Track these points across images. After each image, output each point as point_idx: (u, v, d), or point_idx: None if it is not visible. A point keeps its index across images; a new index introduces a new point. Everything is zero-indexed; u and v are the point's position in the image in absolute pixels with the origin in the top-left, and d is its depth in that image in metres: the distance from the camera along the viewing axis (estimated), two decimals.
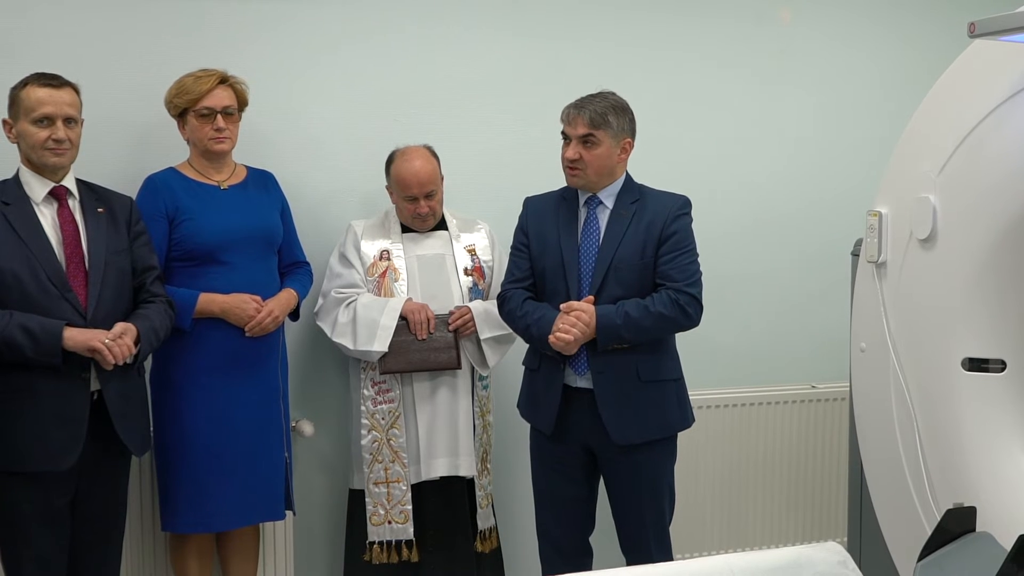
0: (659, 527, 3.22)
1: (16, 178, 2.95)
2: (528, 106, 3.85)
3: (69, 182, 2.98)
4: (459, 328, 3.46)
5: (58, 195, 2.94)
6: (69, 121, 2.91)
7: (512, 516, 3.86)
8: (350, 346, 3.43)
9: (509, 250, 3.33)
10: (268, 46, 3.62)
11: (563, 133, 3.15)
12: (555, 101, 3.23)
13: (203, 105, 3.24)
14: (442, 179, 3.55)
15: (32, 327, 2.78)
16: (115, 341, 2.83)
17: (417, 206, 3.49)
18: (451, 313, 3.47)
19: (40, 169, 2.92)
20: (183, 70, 3.28)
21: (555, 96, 3.25)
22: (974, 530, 2.40)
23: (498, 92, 3.87)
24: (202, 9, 3.53)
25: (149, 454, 3.27)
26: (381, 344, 3.39)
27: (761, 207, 4.21)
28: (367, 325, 3.41)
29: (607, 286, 3.09)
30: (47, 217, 2.92)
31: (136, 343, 2.91)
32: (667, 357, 3.20)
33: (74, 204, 2.97)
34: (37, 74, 2.93)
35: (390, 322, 3.40)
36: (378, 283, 3.50)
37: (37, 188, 2.92)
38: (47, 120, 2.88)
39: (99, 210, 2.99)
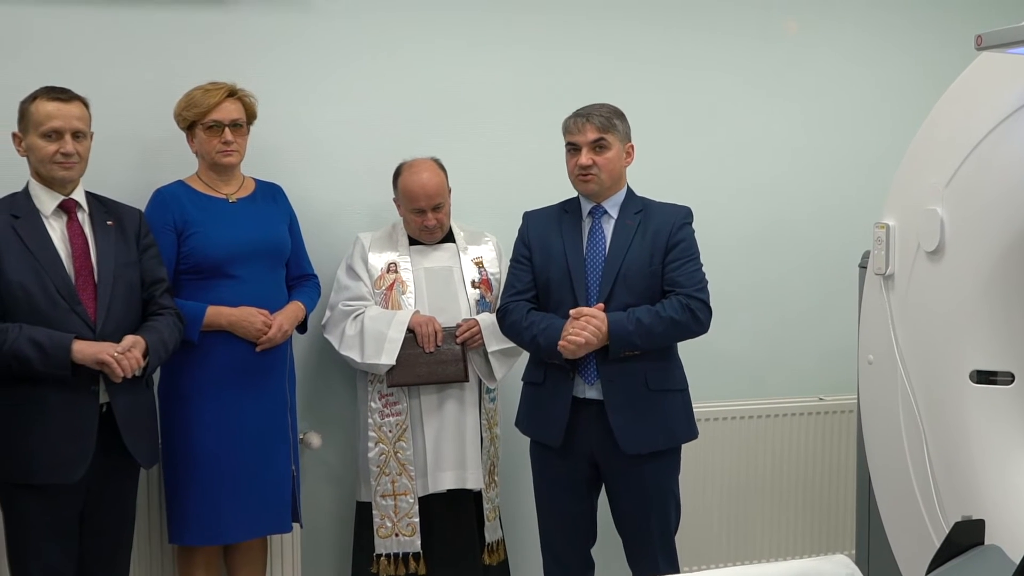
0: (665, 538, 3.22)
1: (26, 191, 2.96)
2: (535, 119, 3.85)
3: (79, 195, 2.98)
4: (467, 341, 3.46)
5: (67, 208, 2.95)
6: (78, 135, 2.92)
7: (519, 529, 3.85)
8: (357, 359, 3.44)
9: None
10: (277, 60, 3.63)
11: (569, 144, 3.17)
12: (560, 114, 3.24)
13: (211, 118, 3.25)
14: (449, 191, 3.56)
15: (41, 340, 2.78)
16: (124, 354, 2.83)
17: (424, 219, 3.49)
18: (459, 326, 3.48)
19: (49, 182, 2.93)
20: (192, 83, 3.29)
21: (562, 109, 3.26)
22: (983, 543, 2.40)
23: (505, 106, 3.88)
24: (212, 22, 3.55)
25: (157, 466, 3.28)
26: (389, 357, 3.39)
27: (767, 219, 4.22)
28: (375, 338, 3.41)
29: (616, 294, 3.10)
30: (56, 230, 2.93)
31: (145, 356, 2.91)
32: (674, 367, 3.21)
33: (83, 217, 2.98)
34: (46, 88, 2.94)
35: (398, 335, 3.40)
36: (385, 296, 3.51)
37: (47, 201, 2.93)
38: (56, 134, 2.89)
39: (108, 223, 3.00)
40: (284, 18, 3.63)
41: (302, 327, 3.45)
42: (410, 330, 3.42)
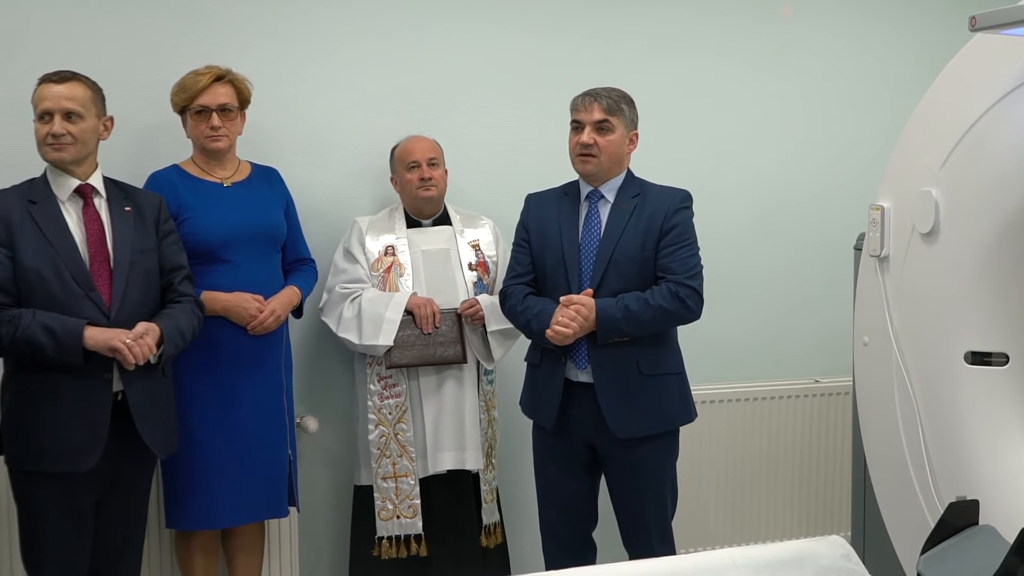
0: (661, 522, 3.22)
1: (44, 177, 2.93)
2: (532, 102, 3.86)
3: (96, 180, 2.95)
4: (468, 318, 3.47)
5: (84, 193, 2.92)
6: (71, 116, 2.87)
7: (518, 511, 3.86)
8: (356, 341, 3.44)
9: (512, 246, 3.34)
10: (274, 43, 3.62)
11: (574, 121, 3.15)
12: (558, 97, 3.25)
13: (199, 103, 3.23)
14: (446, 172, 3.58)
15: (53, 326, 2.75)
16: (136, 341, 2.80)
17: (420, 171, 3.50)
18: (458, 307, 3.49)
19: (63, 166, 2.90)
20: (188, 67, 3.28)
21: (558, 92, 3.27)
22: (977, 523, 2.42)
23: (503, 89, 3.88)
24: (209, 6, 3.54)
25: None
26: (387, 338, 3.40)
27: (764, 202, 4.22)
28: (373, 319, 3.42)
29: (607, 280, 3.10)
30: (72, 215, 2.90)
31: (159, 344, 2.88)
32: (668, 351, 3.20)
33: (100, 202, 2.94)
34: (49, 72, 2.92)
35: (396, 316, 3.41)
36: (383, 278, 3.51)
37: (63, 186, 2.90)
38: (47, 115, 2.87)
39: (126, 209, 2.97)
40: (280, 3, 3.62)
41: (297, 312, 3.45)
42: (408, 312, 3.43)
